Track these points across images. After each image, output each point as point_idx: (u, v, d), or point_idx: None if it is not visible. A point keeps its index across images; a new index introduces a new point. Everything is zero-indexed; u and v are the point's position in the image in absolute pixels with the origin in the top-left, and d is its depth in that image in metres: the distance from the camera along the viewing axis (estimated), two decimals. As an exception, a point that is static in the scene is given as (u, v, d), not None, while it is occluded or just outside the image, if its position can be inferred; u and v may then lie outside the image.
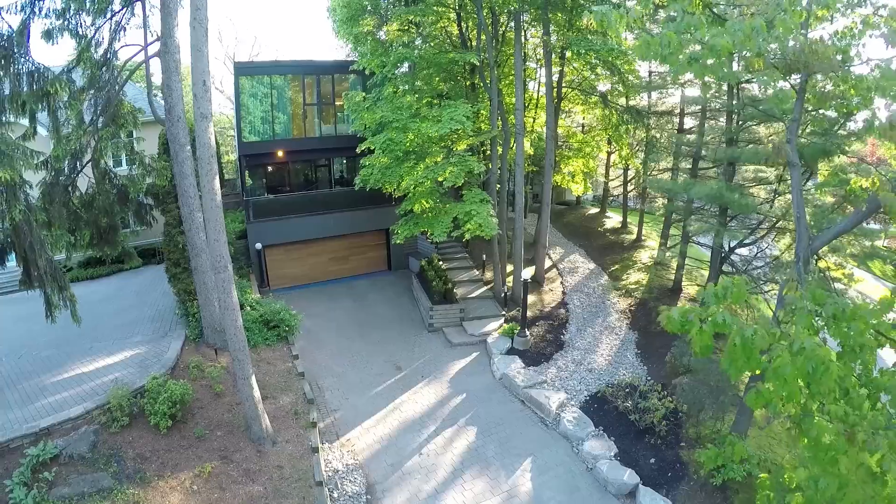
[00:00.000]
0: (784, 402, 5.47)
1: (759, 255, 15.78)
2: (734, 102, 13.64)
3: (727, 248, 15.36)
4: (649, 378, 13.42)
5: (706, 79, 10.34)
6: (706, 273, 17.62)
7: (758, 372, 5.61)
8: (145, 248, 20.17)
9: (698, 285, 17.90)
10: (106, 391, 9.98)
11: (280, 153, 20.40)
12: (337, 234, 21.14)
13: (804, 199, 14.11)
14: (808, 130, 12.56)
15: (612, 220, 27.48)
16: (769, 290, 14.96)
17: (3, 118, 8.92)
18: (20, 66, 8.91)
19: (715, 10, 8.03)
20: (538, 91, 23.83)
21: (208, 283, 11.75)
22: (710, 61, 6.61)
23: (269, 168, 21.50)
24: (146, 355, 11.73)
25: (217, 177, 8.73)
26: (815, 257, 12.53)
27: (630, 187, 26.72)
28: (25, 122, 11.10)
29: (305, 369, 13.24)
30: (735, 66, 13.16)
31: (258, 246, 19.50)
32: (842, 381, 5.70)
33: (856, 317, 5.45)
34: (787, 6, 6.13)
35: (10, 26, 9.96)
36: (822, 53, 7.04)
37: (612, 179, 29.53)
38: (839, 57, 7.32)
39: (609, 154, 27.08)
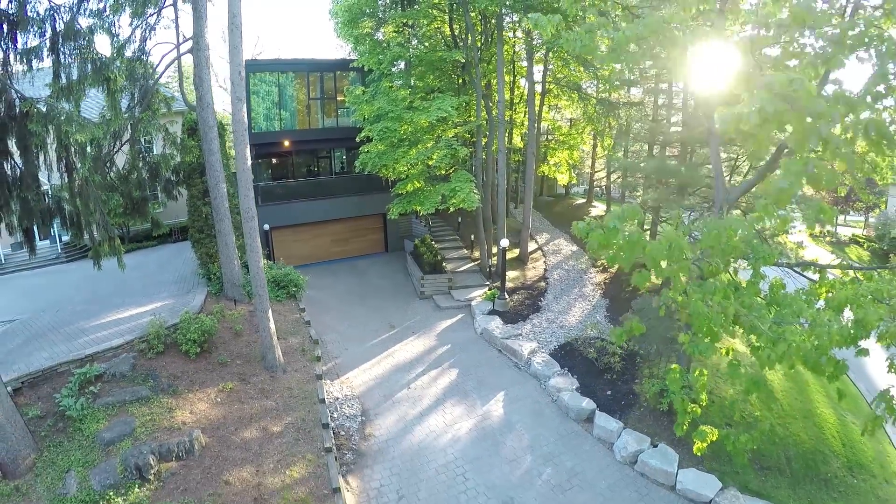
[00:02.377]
0: (672, 292, 7.27)
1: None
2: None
3: (686, 223, 17.19)
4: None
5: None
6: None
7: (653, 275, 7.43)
8: (161, 233, 22.14)
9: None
10: (141, 330, 11.81)
11: (286, 143, 22.35)
12: (338, 218, 23.05)
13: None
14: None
15: (598, 209, 29.35)
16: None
17: (71, 98, 10.80)
18: (85, 55, 10.81)
19: (638, 10, 9.94)
20: (529, 88, 25.81)
21: (229, 244, 13.63)
22: (632, 48, 8.52)
23: (276, 157, 23.46)
24: (174, 305, 13.57)
25: (248, 146, 10.66)
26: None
27: (614, 177, 28.60)
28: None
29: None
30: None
31: (266, 227, 21.36)
32: (731, 286, 7.48)
33: (727, 227, 7.26)
34: (679, 6, 8.03)
35: (62, 21, 11.82)
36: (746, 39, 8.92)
37: (599, 171, 31.44)
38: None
39: (594, 147, 29.01)
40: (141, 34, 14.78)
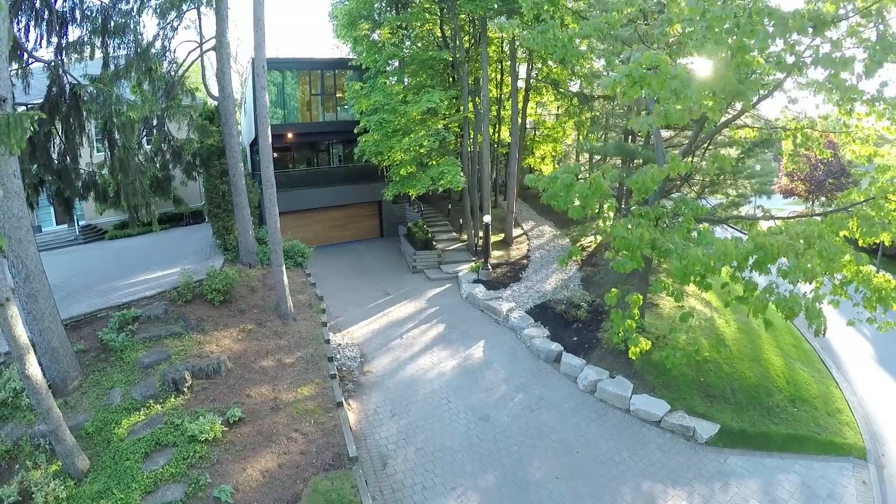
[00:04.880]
0: (602, 223, 9.22)
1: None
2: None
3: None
4: (585, 295, 17.13)
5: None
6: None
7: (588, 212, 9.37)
8: (173, 214, 23.96)
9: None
10: (169, 285, 13.62)
11: (288, 135, 24.22)
12: (336, 205, 24.92)
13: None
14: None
15: (580, 200, 31.37)
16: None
17: (121, 83, 12.71)
18: (131, 49, 12.75)
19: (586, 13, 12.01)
20: (513, 84, 27.88)
21: (245, 217, 15.53)
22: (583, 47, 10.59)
23: (279, 149, 25.22)
24: (195, 269, 15.23)
25: (269, 126, 12.62)
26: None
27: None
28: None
29: (313, 293, 16.93)
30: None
31: (271, 212, 23.20)
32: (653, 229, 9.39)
33: (644, 173, 9.23)
34: (615, 8, 10.04)
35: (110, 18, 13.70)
36: (651, 34, 10.96)
37: (582, 163, 33.46)
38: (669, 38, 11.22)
39: (577, 140, 31.05)
40: (164, 33, 16.77)
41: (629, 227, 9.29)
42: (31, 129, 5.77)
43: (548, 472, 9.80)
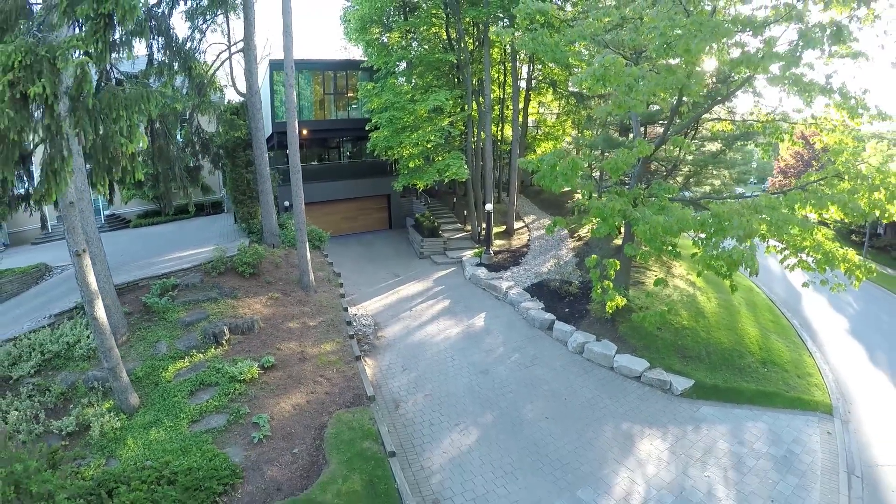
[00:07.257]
0: (581, 198, 10.76)
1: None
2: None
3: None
4: (578, 273, 18.61)
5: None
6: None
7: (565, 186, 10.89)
8: (194, 204, 25.65)
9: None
10: (202, 259, 15.18)
11: (303, 132, 25.82)
12: (347, 198, 26.49)
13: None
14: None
15: (579, 195, 32.88)
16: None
17: (162, 76, 14.37)
18: (174, 48, 14.43)
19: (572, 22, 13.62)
20: (514, 85, 29.46)
21: (269, 202, 17.12)
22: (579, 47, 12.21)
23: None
24: (226, 247, 16.93)
25: (296, 119, 14.25)
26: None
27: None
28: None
29: (329, 272, 18.47)
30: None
31: (286, 203, 24.81)
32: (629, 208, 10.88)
33: (618, 155, 10.74)
34: (598, 15, 11.61)
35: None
36: (624, 41, 12.51)
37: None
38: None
39: (578, 138, 32.60)
40: (192, 35, 18.46)
41: (604, 201, 10.86)
42: (159, 101, 7.34)
43: (539, 414, 11.25)
